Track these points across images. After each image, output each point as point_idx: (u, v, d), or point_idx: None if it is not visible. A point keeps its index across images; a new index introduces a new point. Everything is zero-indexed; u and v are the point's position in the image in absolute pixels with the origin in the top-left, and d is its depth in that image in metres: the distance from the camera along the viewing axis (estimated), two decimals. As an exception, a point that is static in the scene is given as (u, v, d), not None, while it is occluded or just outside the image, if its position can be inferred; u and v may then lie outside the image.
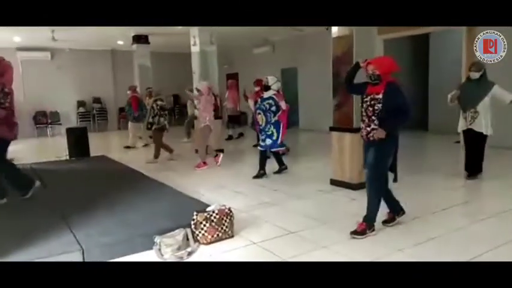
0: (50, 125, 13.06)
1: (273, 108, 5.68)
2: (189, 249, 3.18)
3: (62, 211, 3.90)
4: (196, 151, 7.04)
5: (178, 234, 3.22)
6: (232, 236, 3.46)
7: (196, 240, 3.31)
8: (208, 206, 3.67)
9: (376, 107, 3.31)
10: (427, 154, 8.00)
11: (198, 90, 6.81)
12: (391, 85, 3.32)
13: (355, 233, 3.38)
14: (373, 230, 3.43)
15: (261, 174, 5.82)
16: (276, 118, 5.71)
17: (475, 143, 5.24)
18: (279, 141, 5.75)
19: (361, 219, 3.44)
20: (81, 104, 13.68)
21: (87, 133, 7.96)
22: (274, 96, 5.73)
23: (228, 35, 10.16)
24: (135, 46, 11.49)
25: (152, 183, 5.29)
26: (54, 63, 13.10)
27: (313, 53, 10.91)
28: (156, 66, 11.99)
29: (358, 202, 4.46)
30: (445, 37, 9.65)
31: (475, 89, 5.12)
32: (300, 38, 11.46)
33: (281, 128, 5.75)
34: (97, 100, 13.95)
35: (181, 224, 3.38)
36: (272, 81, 5.84)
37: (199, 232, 3.32)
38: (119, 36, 11.52)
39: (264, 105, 5.75)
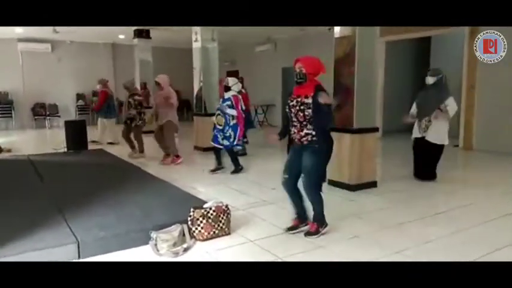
0: (48, 117, 13.02)
1: (231, 111, 5.64)
2: (185, 246, 3.17)
3: (58, 204, 3.88)
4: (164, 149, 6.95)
5: (175, 230, 3.21)
6: (229, 234, 3.45)
7: (192, 236, 3.30)
8: (205, 202, 3.66)
9: (306, 112, 3.16)
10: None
11: (158, 84, 6.59)
12: (320, 88, 3.19)
13: (308, 234, 3.38)
14: (326, 226, 3.44)
15: (218, 168, 5.93)
16: (235, 121, 5.68)
17: (427, 152, 5.20)
18: (235, 143, 5.76)
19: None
20: (80, 97, 13.64)
21: (85, 126, 7.93)
22: (231, 98, 5.67)
23: (230, 33, 10.11)
24: (136, 40, 11.45)
25: (150, 178, 5.28)
26: (54, 55, 13.05)
27: (315, 53, 10.83)
28: (157, 61, 11.94)
29: (356, 203, 4.48)
30: (446, 40, 9.65)
31: (429, 98, 5.05)
32: (302, 38, 11.44)
33: (238, 131, 5.71)
34: (96, 94, 13.88)
35: (178, 219, 3.36)
36: (232, 82, 5.79)
37: (196, 228, 3.31)
38: (121, 30, 11.48)
39: (223, 107, 5.70)
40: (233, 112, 5.63)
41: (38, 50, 12.68)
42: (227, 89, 5.76)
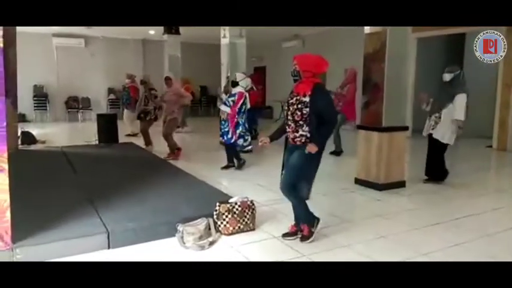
0: (81, 110, 13.43)
1: (226, 109, 5.60)
2: (210, 239, 3.21)
3: (89, 195, 4.01)
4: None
5: (201, 224, 3.25)
6: (254, 229, 3.47)
7: (218, 230, 3.35)
8: (230, 197, 3.69)
9: (304, 111, 3.01)
10: (462, 159, 7.77)
11: (169, 79, 6.62)
12: (318, 87, 3.06)
13: (303, 238, 3.22)
14: (318, 222, 3.28)
15: (228, 166, 5.88)
16: (240, 118, 5.63)
17: (435, 148, 5.05)
18: (232, 140, 5.66)
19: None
20: (111, 91, 13.98)
21: (116, 120, 8.13)
22: (237, 94, 5.61)
23: (258, 29, 10.11)
24: (166, 36, 11.61)
25: (177, 172, 5.37)
26: (87, 50, 13.43)
27: (345, 49, 10.73)
28: (185, 56, 12.09)
29: (383, 203, 4.41)
30: (482, 37, 9.30)
31: (443, 94, 4.92)
32: (331, 33, 11.29)
33: (233, 128, 5.62)
34: (125, 88, 14.20)
35: (204, 213, 3.41)
36: (240, 77, 5.71)
37: (221, 223, 3.35)
38: (151, 26, 11.69)
39: (228, 102, 5.66)
40: (227, 109, 5.59)
41: (72, 45, 13.08)
42: (235, 84, 5.69)
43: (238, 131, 5.67)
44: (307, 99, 3.01)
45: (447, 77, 4.90)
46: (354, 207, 4.33)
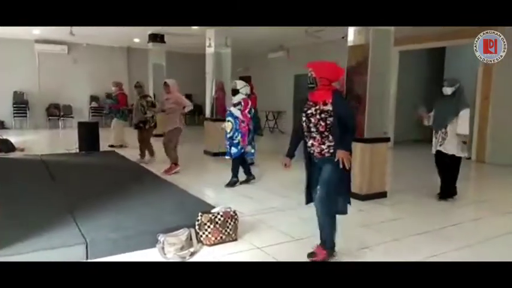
0: (62, 118, 13.20)
1: (237, 113, 5.41)
2: (192, 250, 3.17)
3: (68, 204, 3.92)
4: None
5: (182, 234, 3.21)
6: (236, 239, 3.44)
7: (199, 241, 3.30)
8: (213, 207, 3.66)
9: (328, 121, 2.88)
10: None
11: (167, 86, 6.30)
12: (338, 94, 2.99)
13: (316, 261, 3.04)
14: (335, 254, 3.09)
15: (233, 181, 5.55)
16: (244, 125, 5.43)
17: (446, 166, 4.94)
18: (243, 150, 5.46)
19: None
20: (94, 98, 13.81)
21: (98, 128, 8.02)
22: (242, 102, 5.43)
23: (244, 39, 10.18)
24: (151, 44, 11.58)
25: (159, 181, 5.31)
26: (70, 57, 13.26)
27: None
28: (170, 65, 12.05)
29: (366, 213, 4.43)
30: (461, 52, 9.56)
31: (446, 108, 4.80)
32: (315, 45, 11.44)
33: (244, 136, 5.44)
34: (110, 96, 14.05)
35: (186, 223, 3.37)
36: (240, 85, 5.53)
37: (203, 233, 3.31)
38: (136, 34, 11.63)
39: (233, 110, 5.46)
40: (237, 113, 5.40)
41: (55, 52, 12.90)
42: (235, 92, 5.51)
43: (248, 138, 5.50)
44: (329, 107, 2.88)
45: (448, 90, 4.79)
46: (337, 218, 4.33)
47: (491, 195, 5.60)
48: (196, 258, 3.11)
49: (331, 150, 2.92)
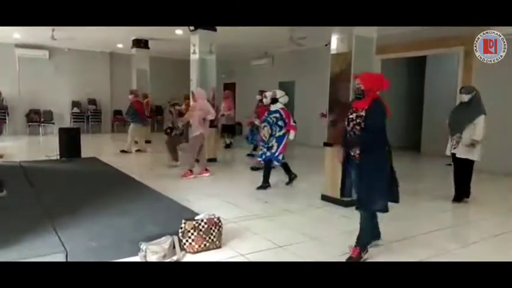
0: (42, 124, 12.95)
1: (280, 122, 5.67)
2: (174, 258, 3.13)
3: (48, 212, 3.83)
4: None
5: (165, 242, 3.17)
6: (220, 247, 3.42)
7: (182, 248, 3.27)
8: (197, 214, 3.63)
9: (362, 125, 3.15)
10: (417, 176, 8.03)
11: (193, 95, 6.71)
12: (375, 102, 3.16)
13: (350, 259, 3.23)
14: (367, 252, 3.31)
15: (265, 186, 5.79)
16: (281, 133, 5.68)
17: (459, 168, 5.20)
18: (276, 155, 5.70)
19: (352, 243, 3.33)
20: (75, 104, 13.60)
21: (79, 134, 7.89)
22: (280, 110, 5.72)
23: (228, 45, 10.21)
24: (134, 50, 11.50)
25: (142, 188, 5.24)
26: (51, 62, 13.05)
27: (312, 69, 11.00)
28: (154, 71, 11.99)
29: (349, 219, 4.45)
30: (441, 60, 9.79)
31: (463, 114, 5.05)
32: (299, 53, 11.55)
33: (283, 143, 5.70)
34: (92, 102, 13.90)
35: (169, 231, 3.33)
36: (280, 94, 5.82)
37: (187, 241, 3.28)
38: (119, 39, 11.54)
39: (270, 118, 5.71)
40: (287, 133, 5.71)
41: (35, 57, 12.67)
42: (274, 101, 5.77)
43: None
44: (363, 113, 3.14)
45: (465, 98, 5.01)
46: (320, 224, 4.36)
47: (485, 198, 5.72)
48: (179, 266, 3.07)
49: (369, 152, 3.16)
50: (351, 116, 3.26)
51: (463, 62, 8.10)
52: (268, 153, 5.71)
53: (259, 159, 5.95)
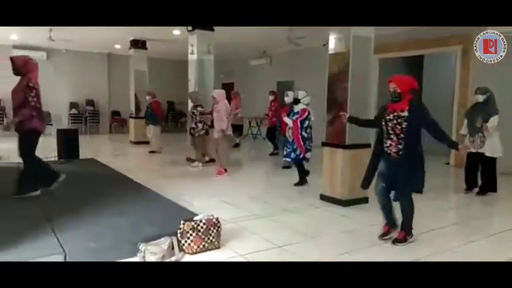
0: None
1: (305, 124, 5.81)
2: (173, 259, 3.13)
3: (47, 213, 3.83)
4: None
5: (164, 243, 3.17)
6: (219, 247, 3.42)
7: (181, 249, 3.27)
8: (196, 215, 3.63)
9: (403, 125, 3.40)
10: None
11: (213, 98, 6.88)
12: (414, 102, 3.45)
13: (397, 241, 3.60)
14: (412, 236, 3.64)
15: (302, 182, 6.00)
16: (306, 135, 5.85)
17: (485, 165, 5.46)
18: (301, 156, 5.87)
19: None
20: (73, 105, 13.57)
21: (77, 135, 7.88)
22: (300, 111, 5.85)
23: (226, 45, 10.20)
24: (132, 51, 11.47)
25: (141, 189, 5.23)
26: (49, 64, 13.00)
27: (310, 68, 10.99)
28: (152, 71, 11.97)
29: (347, 219, 4.47)
30: (438, 60, 9.79)
31: (479, 114, 5.28)
32: (297, 53, 11.55)
33: (298, 141, 5.84)
34: (90, 103, 13.87)
35: (168, 232, 3.33)
36: (302, 95, 5.94)
37: (185, 241, 3.28)
38: (117, 40, 11.51)
39: (293, 119, 5.87)
40: (289, 121, 5.89)
41: (33, 58, 12.60)
42: (297, 101, 5.91)
43: (305, 146, 5.85)
44: (405, 113, 3.39)
45: (480, 98, 5.30)
46: (318, 224, 4.36)
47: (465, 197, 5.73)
48: (178, 267, 3.07)
49: (407, 150, 3.43)
50: (388, 117, 3.50)
51: (461, 61, 8.12)
52: (293, 155, 5.87)
53: (288, 159, 6.12)
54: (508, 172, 6.53)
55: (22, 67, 4.75)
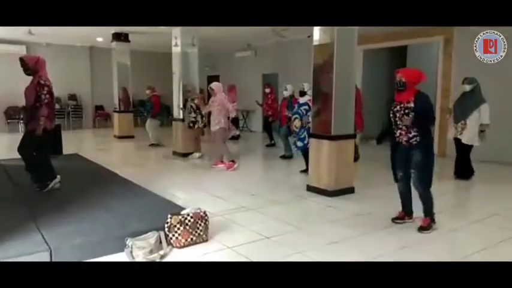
0: (22, 121, 12.64)
1: (310, 114, 5.81)
2: (161, 253, 3.12)
3: (31, 210, 3.76)
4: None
5: (151, 237, 3.15)
6: (207, 240, 3.42)
7: (169, 243, 3.26)
8: (183, 208, 3.62)
9: (411, 115, 3.56)
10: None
11: (212, 90, 6.82)
12: (420, 94, 3.61)
13: (422, 228, 3.70)
14: (435, 222, 3.74)
15: (308, 169, 5.95)
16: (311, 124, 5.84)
17: (462, 151, 5.74)
18: (308, 144, 5.81)
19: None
20: (55, 100, 13.29)
21: (60, 130, 7.73)
22: (309, 102, 5.92)
23: (211, 38, 10.11)
24: (114, 44, 11.28)
25: (127, 184, 5.18)
26: (29, 58, 12.71)
27: (295, 60, 10.99)
28: (135, 64, 11.80)
29: (334, 209, 4.51)
30: (421, 49, 9.89)
31: (466, 103, 5.47)
32: (282, 45, 11.52)
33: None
34: (73, 97, 13.61)
35: (155, 226, 3.31)
36: (308, 87, 6.07)
37: (173, 235, 3.27)
38: (99, 33, 11.29)
39: (301, 111, 6.03)
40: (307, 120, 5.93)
41: (12, 52, 12.29)
42: (303, 93, 6.16)
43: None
44: (411, 105, 3.56)
45: (467, 88, 5.46)
46: (305, 214, 4.40)
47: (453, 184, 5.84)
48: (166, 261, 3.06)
49: (418, 139, 3.61)
50: (395, 109, 3.68)
51: (443, 51, 8.22)
52: (300, 144, 6.00)
53: (295, 148, 6.33)
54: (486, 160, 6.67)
55: (34, 66, 4.71)
